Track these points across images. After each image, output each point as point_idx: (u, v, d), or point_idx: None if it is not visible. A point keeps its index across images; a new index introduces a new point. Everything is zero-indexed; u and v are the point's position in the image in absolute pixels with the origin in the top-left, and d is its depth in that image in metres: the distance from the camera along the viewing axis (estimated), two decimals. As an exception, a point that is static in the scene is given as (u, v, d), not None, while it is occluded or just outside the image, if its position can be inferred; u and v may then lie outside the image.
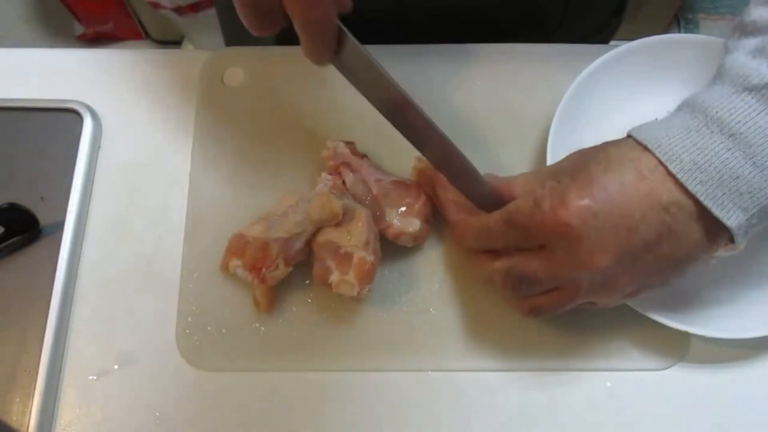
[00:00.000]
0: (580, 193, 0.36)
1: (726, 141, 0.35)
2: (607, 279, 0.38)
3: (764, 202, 0.35)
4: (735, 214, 0.35)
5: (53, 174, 0.50)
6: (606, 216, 0.36)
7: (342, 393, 0.45)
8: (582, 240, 0.36)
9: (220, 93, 0.54)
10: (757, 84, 0.35)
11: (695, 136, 0.35)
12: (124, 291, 0.47)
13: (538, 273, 0.39)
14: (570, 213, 0.36)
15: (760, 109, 0.34)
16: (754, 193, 0.35)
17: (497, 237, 0.41)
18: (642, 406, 0.45)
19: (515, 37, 0.57)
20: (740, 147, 0.34)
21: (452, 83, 0.54)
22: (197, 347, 0.46)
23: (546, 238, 0.38)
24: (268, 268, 0.44)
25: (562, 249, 0.37)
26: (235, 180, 0.51)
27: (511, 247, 0.40)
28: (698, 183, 0.35)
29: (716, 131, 0.35)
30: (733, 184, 0.35)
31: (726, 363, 0.46)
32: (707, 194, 0.35)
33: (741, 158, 0.35)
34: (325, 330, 0.46)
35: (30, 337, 0.45)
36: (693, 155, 0.35)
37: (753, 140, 0.34)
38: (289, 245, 0.45)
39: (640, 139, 0.37)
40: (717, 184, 0.35)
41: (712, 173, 0.35)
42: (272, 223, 0.45)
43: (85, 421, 0.44)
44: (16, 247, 0.47)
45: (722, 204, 0.35)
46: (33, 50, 0.57)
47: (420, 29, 0.58)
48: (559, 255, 0.38)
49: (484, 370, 0.46)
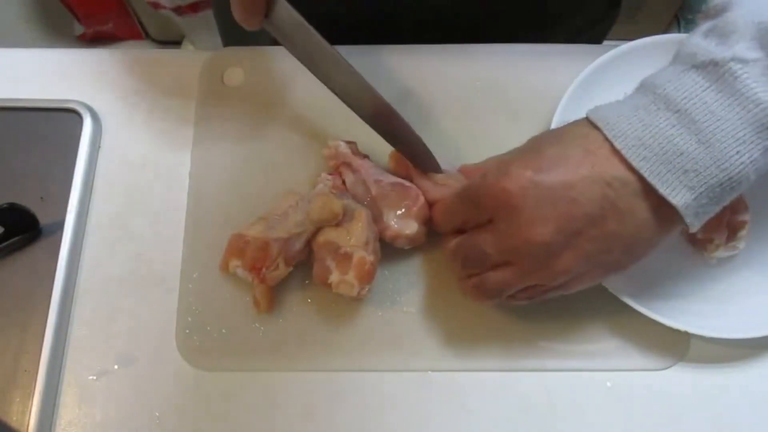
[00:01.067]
0: (523, 163, 0.37)
1: (671, 117, 0.35)
2: (551, 254, 0.37)
3: (711, 181, 0.34)
4: (681, 193, 0.35)
5: (53, 174, 0.50)
6: (547, 187, 0.36)
7: (342, 393, 0.45)
8: (522, 209, 0.37)
9: (220, 93, 0.54)
10: (704, 61, 0.35)
11: (642, 113, 0.36)
12: (124, 291, 0.47)
13: (483, 246, 0.39)
14: (511, 181, 0.37)
15: (706, 86, 0.34)
16: (700, 171, 0.34)
17: (455, 215, 0.42)
18: (642, 406, 0.45)
19: (509, 29, 0.57)
20: (685, 123, 0.34)
21: (452, 83, 0.54)
22: (197, 347, 0.46)
23: (491, 209, 0.39)
24: (268, 268, 0.44)
25: (504, 220, 0.38)
26: (235, 180, 0.51)
27: (468, 224, 0.41)
28: (642, 159, 0.35)
29: (662, 108, 0.35)
30: (677, 161, 0.34)
31: (726, 363, 0.46)
32: (651, 170, 0.35)
33: (685, 134, 0.34)
34: (325, 330, 0.46)
35: (30, 337, 0.45)
36: (638, 132, 0.35)
37: (697, 116, 0.34)
38: (289, 245, 0.45)
39: (592, 117, 0.37)
40: (661, 161, 0.35)
41: (656, 149, 0.35)
42: (272, 223, 0.45)
43: (85, 421, 0.44)
44: (16, 247, 0.48)
45: (667, 181, 0.35)
46: (33, 50, 0.57)
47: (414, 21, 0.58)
48: (502, 227, 0.38)
49: (484, 370, 0.46)
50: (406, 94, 0.54)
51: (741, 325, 0.44)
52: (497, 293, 0.41)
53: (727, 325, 0.44)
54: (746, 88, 0.33)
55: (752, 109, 0.33)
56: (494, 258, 0.39)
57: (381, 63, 0.55)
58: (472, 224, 0.41)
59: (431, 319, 0.47)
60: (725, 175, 0.34)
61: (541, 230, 0.36)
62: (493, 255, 0.39)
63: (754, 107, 0.33)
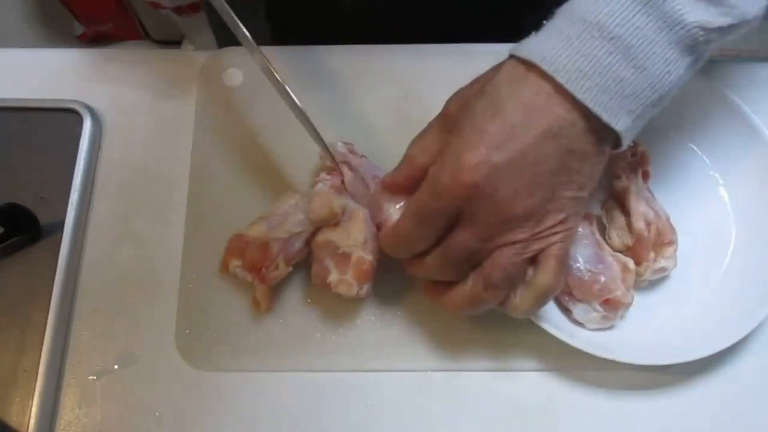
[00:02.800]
0: (473, 148, 0.36)
1: (607, 45, 0.35)
2: (538, 217, 0.38)
3: (646, 102, 0.36)
4: (622, 118, 0.36)
5: (53, 174, 0.50)
6: (506, 163, 0.36)
7: (342, 393, 0.45)
8: (492, 194, 0.36)
9: (220, 93, 0.54)
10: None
11: (577, 43, 0.35)
12: (124, 291, 0.47)
13: (469, 243, 0.38)
14: (471, 173, 0.36)
15: (636, 9, 0.35)
16: (637, 94, 0.36)
17: (417, 240, 0.40)
18: (642, 406, 0.45)
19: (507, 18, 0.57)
20: (620, 49, 0.35)
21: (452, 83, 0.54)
22: (197, 347, 0.46)
23: (460, 208, 0.37)
24: (268, 268, 0.44)
25: (480, 211, 0.37)
26: (234, 180, 0.51)
27: (433, 240, 0.40)
28: (585, 90, 0.35)
29: (597, 35, 0.35)
30: (617, 88, 0.35)
31: (726, 363, 0.46)
32: (595, 101, 0.35)
33: (623, 61, 0.35)
34: (325, 330, 0.46)
35: (30, 337, 0.45)
36: (577, 63, 0.35)
37: (632, 41, 0.35)
38: (288, 245, 0.45)
39: (523, 56, 0.36)
40: (602, 90, 0.35)
41: (597, 79, 0.35)
42: (272, 223, 0.45)
43: (85, 421, 0.44)
44: (16, 247, 0.47)
45: (610, 109, 0.35)
46: (33, 50, 0.57)
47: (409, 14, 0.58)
48: (480, 217, 0.37)
49: (484, 370, 0.46)
50: (405, 94, 0.54)
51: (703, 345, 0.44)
52: (507, 278, 0.39)
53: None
54: (672, 9, 0.34)
55: (678, 31, 0.35)
56: (485, 249, 0.39)
57: (381, 63, 0.55)
58: (441, 233, 0.39)
59: (431, 319, 0.47)
60: (657, 95, 0.36)
61: (520, 204, 0.37)
62: (483, 247, 0.38)
63: (680, 28, 0.35)
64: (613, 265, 0.45)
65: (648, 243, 0.45)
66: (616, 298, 0.43)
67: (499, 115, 0.36)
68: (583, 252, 0.44)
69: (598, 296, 0.43)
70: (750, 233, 0.49)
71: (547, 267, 0.39)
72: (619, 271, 0.45)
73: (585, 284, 0.44)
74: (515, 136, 0.36)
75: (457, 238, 0.39)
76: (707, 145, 0.51)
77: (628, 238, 0.46)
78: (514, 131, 0.36)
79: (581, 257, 0.44)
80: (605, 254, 0.45)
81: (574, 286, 0.44)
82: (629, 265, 0.45)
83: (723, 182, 0.51)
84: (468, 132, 0.37)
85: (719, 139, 0.51)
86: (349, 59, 0.55)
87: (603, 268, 0.44)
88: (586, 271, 0.44)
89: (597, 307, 0.44)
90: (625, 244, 0.46)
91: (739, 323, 0.44)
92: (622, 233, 0.47)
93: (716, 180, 0.51)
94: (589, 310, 0.44)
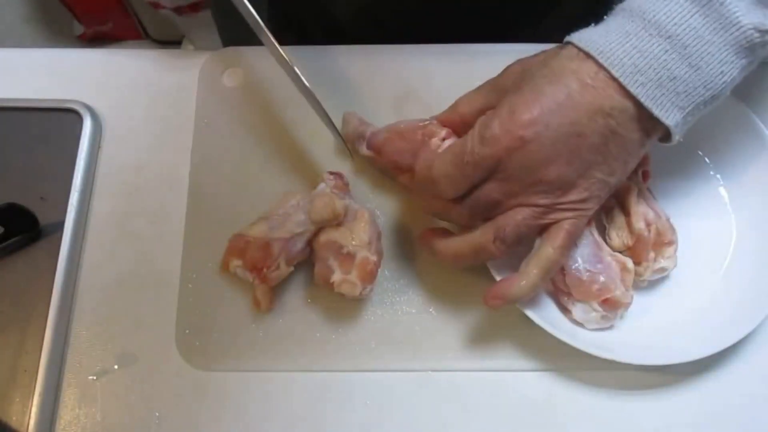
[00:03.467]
0: (530, 106, 0.38)
1: (663, 43, 0.36)
2: (565, 189, 0.39)
3: (698, 100, 0.37)
4: (673, 113, 0.37)
5: (53, 174, 0.50)
6: (557, 126, 0.37)
7: (342, 393, 0.45)
8: (537, 152, 0.38)
9: (220, 93, 0.54)
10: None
11: (634, 39, 0.37)
12: (124, 291, 0.47)
13: (494, 194, 0.39)
14: (523, 126, 0.37)
15: (693, 11, 0.36)
16: (690, 92, 0.37)
17: (449, 182, 0.40)
18: (642, 407, 0.45)
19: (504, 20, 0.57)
20: (676, 48, 0.36)
21: (452, 83, 0.54)
22: (197, 347, 0.46)
23: (500, 159, 0.38)
24: (269, 268, 0.44)
25: (517, 164, 0.38)
26: (235, 180, 0.51)
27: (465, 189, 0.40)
28: (639, 85, 0.37)
29: (654, 34, 0.36)
30: (670, 85, 0.37)
31: (726, 363, 0.46)
32: (648, 95, 0.37)
33: (677, 59, 0.36)
34: (325, 330, 0.46)
35: (30, 337, 0.45)
36: (633, 59, 0.37)
37: (688, 41, 0.36)
38: (290, 245, 0.45)
39: (581, 46, 0.38)
40: (656, 85, 0.37)
41: (652, 75, 0.37)
42: (273, 223, 0.45)
43: (85, 421, 0.44)
44: (16, 247, 0.47)
45: (662, 104, 0.37)
46: (33, 50, 0.57)
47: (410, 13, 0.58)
48: (515, 172, 0.38)
49: (484, 370, 0.46)
50: (406, 94, 0.54)
51: None
52: (517, 235, 0.40)
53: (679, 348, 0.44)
54: (729, 11, 0.35)
55: (734, 32, 0.36)
56: (506, 204, 0.40)
57: (381, 63, 0.55)
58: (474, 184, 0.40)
59: (431, 319, 0.47)
60: (710, 94, 0.37)
61: (555, 168, 0.38)
62: (505, 201, 0.40)
63: (736, 30, 0.36)
64: (612, 264, 0.45)
65: (648, 243, 0.45)
66: (615, 298, 0.43)
67: (559, 83, 0.38)
68: (581, 252, 0.44)
69: (597, 296, 0.43)
70: (750, 233, 0.49)
71: (556, 238, 0.40)
72: (618, 270, 0.45)
73: (584, 284, 0.44)
74: (570, 104, 0.37)
75: (486, 188, 0.40)
76: (708, 146, 0.51)
77: (628, 238, 0.46)
78: (570, 100, 0.37)
79: (580, 257, 0.44)
80: (604, 254, 0.45)
81: (573, 286, 0.44)
82: (628, 265, 0.45)
83: (723, 182, 0.51)
84: (527, 92, 0.38)
85: (720, 139, 0.51)
86: (349, 59, 0.55)
87: (602, 268, 0.44)
88: (585, 271, 0.44)
89: (596, 307, 0.44)
90: (625, 244, 0.46)
91: (739, 323, 0.44)
92: (622, 233, 0.47)
93: (717, 180, 0.51)
94: (588, 310, 0.44)
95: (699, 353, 0.43)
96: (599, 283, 0.43)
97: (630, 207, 0.46)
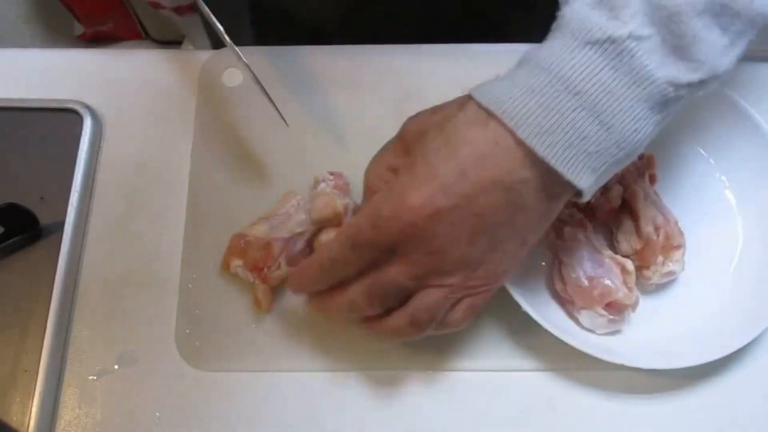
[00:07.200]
0: (420, 189, 0.35)
1: (572, 100, 0.33)
2: (472, 265, 0.37)
3: (611, 160, 0.35)
4: (585, 175, 0.34)
5: (53, 174, 0.50)
6: (450, 208, 0.35)
7: (342, 393, 0.45)
8: (433, 237, 0.35)
9: (220, 93, 0.54)
10: (600, 38, 0.33)
11: (539, 96, 0.34)
12: (124, 291, 0.47)
13: (400, 278, 0.37)
14: (413, 213, 0.35)
15: (603, 64, 0.33)
16: (602, 152, 0.34)
17: (345, 266, 0.38)
18: (644, 409, 0.45)
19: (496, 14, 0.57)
20: (586, 106, 0.33)
21: (452, 83, 0.54)
22: (197, 347, 0.46)
23: (395, 243, 0.36)
24: (270, 268, 0.44)
25: (416, 250, 0.36)
26: (235, 180, 0.51)
27: (364, 269, 0.38)
28: (547, 146, 0.34)
29: (561, 90, 0.33)
30: (581, 145, 0.34)
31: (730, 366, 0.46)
32: (557, 157, 0.34)
33: (587, 117, 0.33)
34: (325, 330, 0.46)
35: (30, 337, 0.45)
36: (540, 118, 0.33)
37: (598, 98, 0.33)
38: (290, 245, 0.45)
39: (483, 103, 0.35)
40: (566, 146, 0.34)
41: (560, 135, 0.33)
42: (274, 223, 0.45)
43: (85, 421, 0.44)
44: (16, 247, 0.47)
45: (572, 166, 0.34)
46: (33, 50, 0.57)
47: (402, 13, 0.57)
48: (415, 256, 0.36)
49: (484, 370, 0.46)
50: (406, 94, 0.54)
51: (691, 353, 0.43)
52: (431, 317, 0.38)
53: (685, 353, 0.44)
54: (641, 65, 0.33)
55: (647, 87, 0.33)
56: (412, 287, 0.38)
57: (381, 63, 0.55)
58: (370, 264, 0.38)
59: (431, 319, 0.47)
60: (623, 153, 0.35)
61: (457, 249, 0.36)
62: (410, 284, 0.37)
63: (649, 84, 0.33)
64: (612, 267, 0.44)
65: (656, 247, 0.45)
66: (619, 301, 0.43)
67: (453, 158, 0.35)
68: (579, 260, 0.44)
69: (600, 301, 0.43)
70: (757, 237, 0.49)
71: (458, 311, 0.39)
72: (618, 272, 0.45)
73: (585, 291, 0.44)
74: (465, 182, 0.35)
75: (387, 271, 0.37)
76: (713, 148, 0.51)
77: (636, 242, 0.46)
78: (464, 177, 0.35)
79: (578, 265, 0.44)
80: (603, 257, 0.45)
81: (575, 294, 0.44)
82: (628, 267, 0.45)
83: (729, 185, 0.51)
84: (418, 169, 0.36)
85: (725, 141, 0.50)
86: (349, 59, 0.55)
87: (602, 272, 0.44)
88: (585, 278, 0.44)
89: (601, 312, 0.44)
90: (634, 248, 0.46)
91: (746, 327, 0.44)
92: (630, 237, 0.46)
93: (723, 182, 0.51)
94: (594, 316, 0.44)
95: (707, 357, 0.43)
96: (600, 288, 0.43)
97: (638, 211, 0.46)
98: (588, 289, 0.43)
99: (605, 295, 0.43)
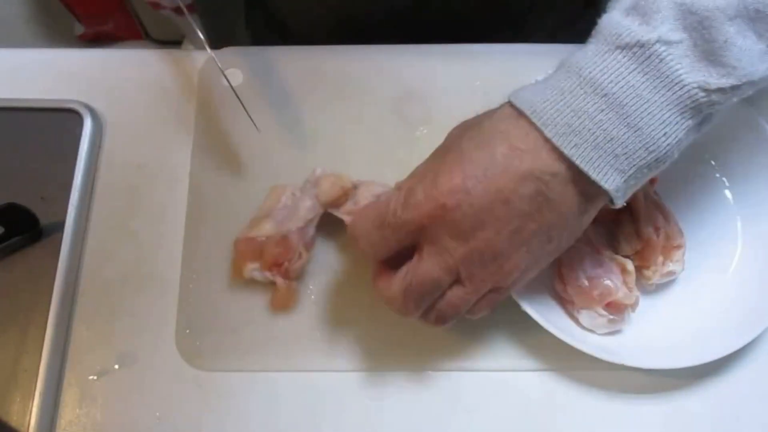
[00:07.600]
0: (453, 173, 0.36)
1: (599, 102, 0.34)
2: (498, 257, 0.37)
3: (640, 163, 0.35)
4: (612, 177, 0.35)
5: (53, 174, 0.50)
6: (480, 193, 0.35)
7: (343, 393, 0.45)
8: (460, 221, 0.36)
9: (220, 93, 0.54)
10: (629, 42, 0.34)
11: (569, 97, 0.35)
12: (124, 291, 0.47)
13: (433, 272, 0.37)
14: (443, 193, 0.36)
15: (632, 68, 0.34)
16: (630, 154, 0.34)
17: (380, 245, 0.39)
18: (644, 408, 0.45)
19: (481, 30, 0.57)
20: (613, 107, 0.34)
21: (452, 83, 0.54)
22: (197, 347, 0.46)
23: (423, 225, 0.37)
24: (290, 261, 0.44)
25: (444, 235, 0.36)
26: (235, 180, 0.51)
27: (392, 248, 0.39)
28: (573, 146, 0.34)
29: (589, 92, 0.34)
30: (608, 146, 0.34)
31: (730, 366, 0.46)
32: (583, 157, 0.34)
33: (615, 119, 0.34)
34: (326, 330, 0.46)
35: (30, 337, 0.45)
36: (567, 118, 0.34)
37: (625, 100, 0.34)
38: (305, 232, 0.45)
39: (516, 103, 0.36)
40: (592, 147, 0.34)
41: (587, 136, 0.34)
42: (279, 218, 0.46)
43: (85, 421, 0.44)
44: (16, 247, 0.47)
45: (598, 167, 0.34)
46: (33, 50, 0.57)
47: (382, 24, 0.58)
48: (443, 243, 0.37)
49: (484, 370, 0.46)
50: (406, 94, 0.54)
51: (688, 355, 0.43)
52: (457, 313, 0.39)
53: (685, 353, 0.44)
54: (671, 70, 0.33)
55: (677, 91, 0.34)
56: (446, 280, 0.38)
57: (381, 63, 0.55)
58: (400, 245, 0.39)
59: (431, 319, 0.47)
60: (653, 157, 0.35)
61: (484, 237, 0.36)
62: (444, 277, 0.38)
63: (679, 89, 0.34)
64: (612, 267, 0.44)
65: (657, 247, 0.45)
66: (618, 300, 0.43)
67: (485, 147, 0.36)
68: (579, 260, 0.44)
69: (600, 301, 0.43)
70: (756, 236, 0.49)
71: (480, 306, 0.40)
72: (618, 272, 0.45)
73: (584, 291, 0.44)
74: (495, 169, 0.35)
75: (421, 265, 0.38)
76: (713, 148, 0.51)
77: (636, 242, 0.46)
78: (496, 165, 0.35)
79: (578, 266, 0.44)
80: (603, 257, 0.45)
81: (575, 294, 0.44)
82: (628, 267, 0.45)
83: (729, 185, 0.51)
84: (452, 156, 0.37)
85: (725, 141, 0.50)
86: (349, 59, 0.55)
87: (602, 272, 0.44)
88: (584, 278, 0.44)
89: (601, 312, 0.44)
90: (634, 249, 0.46)
91: (746, 327, 0.44)
92: (631, 238, 0.46)
93: (722, 183, 0.51)
94: (594, 316, 0.44)
95: (707, 357, 0.43)
96: (600, 288, 0.43)
97: (638, 211, 0.46)
98: (588, 289, 0.43)
99: (605, 295, 0.43)
